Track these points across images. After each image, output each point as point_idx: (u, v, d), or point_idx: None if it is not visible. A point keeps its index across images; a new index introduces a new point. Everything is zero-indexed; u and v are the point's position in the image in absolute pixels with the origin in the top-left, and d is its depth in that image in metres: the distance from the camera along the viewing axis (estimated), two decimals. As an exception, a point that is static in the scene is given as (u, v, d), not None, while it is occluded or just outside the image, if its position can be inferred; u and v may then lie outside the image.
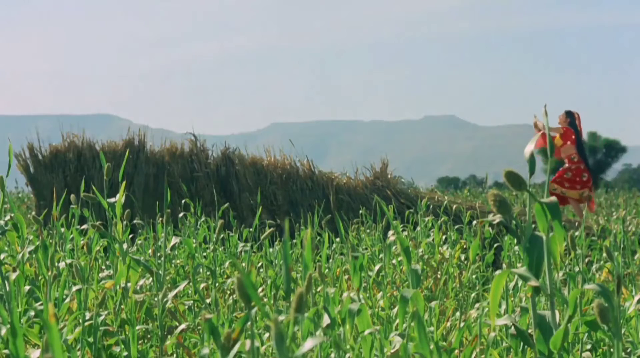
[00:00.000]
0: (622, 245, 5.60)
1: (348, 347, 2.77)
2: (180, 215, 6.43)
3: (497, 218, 1.98)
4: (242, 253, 5.66)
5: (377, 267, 4.31)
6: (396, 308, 3.60)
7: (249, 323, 1.59)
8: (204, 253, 5.52)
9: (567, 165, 11.35)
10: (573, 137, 11.37)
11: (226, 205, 6.29)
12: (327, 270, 4.75)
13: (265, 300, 4.32)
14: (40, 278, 3.61)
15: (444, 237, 6.17)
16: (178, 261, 5.23)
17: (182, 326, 3.38)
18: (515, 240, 5.33)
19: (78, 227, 4.34)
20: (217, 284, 4.16)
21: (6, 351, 2.46)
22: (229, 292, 4.66)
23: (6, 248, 3.76)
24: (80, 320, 3.16)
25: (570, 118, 11.52)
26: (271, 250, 5.50)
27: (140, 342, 3.72)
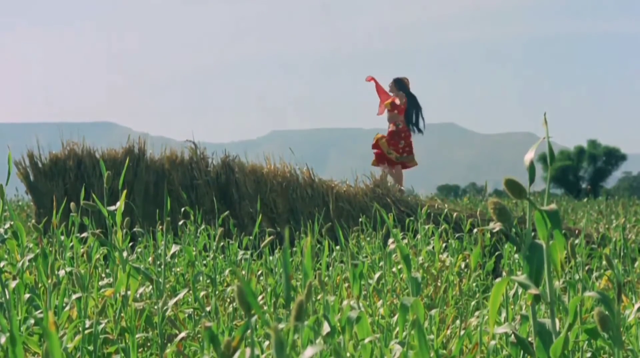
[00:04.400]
0: (622, 253, 5.59)
1: (348, 355, 2.77)
2: (180, 223, 6.43)
3: (497, 226, 1.98)
4: (242, 261, 5.65)
5: (377, 275, 4.31)
6: (396, 316, 3.59)
7: (249, 331, 1.59)
8: (204, 261, 5.51)
9: (392, 128, 11.54)
10: (402, 107, 11.55)
11: (226, 213, 6.28)
12: (327, 278, 4.75)
13: (265, 308, 4.32)
14: (40, 286, 3.61)
15: (444, 245, 6.16)
16: (178, 269, 5.22)
17: (182, 334, 3.38)
18: (515, 248, 5.33)
19: (78, 235, 4.34)
20: (217, 292, 4.16)
21: (6, 359, 2.45)
22: (229, 300, 4.66)
23: (6, 256, 3.76)
24: (80, 328, 3.16)
25: (399, 84, 11.69)
26: (271, 258, 5.50)
27: (140, 350, 3.72)
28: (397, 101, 11.44)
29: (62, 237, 4.52)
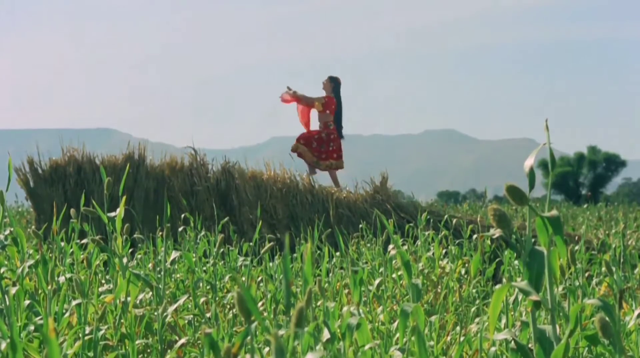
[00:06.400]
0: (621, 259, 5.59)
1: (348, 361, 2.76)
2: (180, 229, 6.43)
3: (497, 232, 1.98)
4: (242, 267, 5.65)
5: (377, 281, 4.31)
6: (396, 323, 3.59)
7: (249, 337, 1.59)
8: (204, 268, 5.51)
9: (322, 131, 11.51)
10: (333, 107, 11.57)
11: (226, 219, 6.28)
12: (327, 284, 4.75)
13: (265, 314, 4.31)
14: (40, 292, 3.61)
15: (444, 251, 6.16)
16: (178, 275, 5.22)
17: (182, 340, 3.38)
18: (515, 255, 5.33)
19: (78, 241, 4.34)
20: (217, 298, 4.16)
21: (6, 366, 2.45)
22: (229, 306, 4.66)
23: (6, 262, 3.76)
24: (80, 335, 3.16)
25: (334, 84, 11.71)
26: (271, 264, 5.50)
27: (140, 356, 3.71)
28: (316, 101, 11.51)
29: (62, 244, 4.52)
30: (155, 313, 3.55)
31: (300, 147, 11.44)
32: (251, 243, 5.38)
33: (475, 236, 6.48)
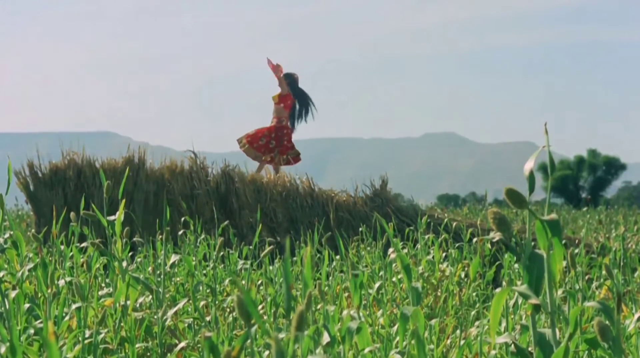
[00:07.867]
0: (621, 263, 5.59)
1: (348, 365, 2.76)
2: (180, 232, 6.42)
3: (497, 235, 1.99)
4: (242, 270, 5.65)
5: (377, 285, 4.31)
6: (396, 326, 3.59)
7: (249, 341, 1.59)
8: (204, 271, 5.51)
9: (275, 129, 11.41)
10: (289, 102, 11.49)
11: (226, 222, 6.28)
12: (327, 287, 4.75)
13: (265, 318, 4.31)
14: (39, 296, 3.61)
15: (444, 254, 6.16)
16: (178, 279, 5.22)
17: (182, 344, 3.38)
18: (515, 258, 5.33)
19: (78, 244, 4.34)
20: (217, 302, 4.16)
21: (5, 369, 2.45)
22: (229, 310, 4.66)
23: (5, 266, 3.76)
24: (80, 338, 3.16)
25: (289, 79, 11.62)
26: (271, 267, 5.49)
27: (139, 360, 3.71)
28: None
29: (62, 247, 4.52)
30: (155, 317, 3.56)
31: (262, 157, 11.36)
32: (251, 247, 5.37)
33: (475, 239, 6.48)
